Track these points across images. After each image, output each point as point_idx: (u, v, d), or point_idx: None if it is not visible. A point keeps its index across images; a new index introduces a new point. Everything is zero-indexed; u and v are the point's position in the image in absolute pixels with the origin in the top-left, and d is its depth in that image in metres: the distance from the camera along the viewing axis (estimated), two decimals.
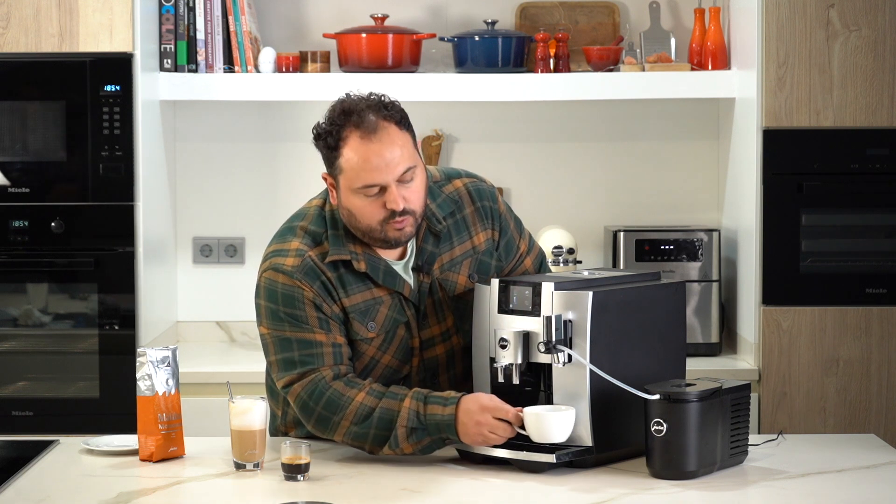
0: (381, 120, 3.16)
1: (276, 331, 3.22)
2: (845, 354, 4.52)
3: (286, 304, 3.20)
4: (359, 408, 3.15)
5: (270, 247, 3.29)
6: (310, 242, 3.25)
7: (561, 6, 5.07)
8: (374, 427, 3.14)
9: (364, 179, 3.15)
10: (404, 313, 3.28)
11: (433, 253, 3.30)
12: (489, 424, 3.10)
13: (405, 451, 3.15)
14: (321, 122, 3.22)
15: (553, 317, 3.08)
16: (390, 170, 3.15)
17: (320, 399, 3.16)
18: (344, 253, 3.23)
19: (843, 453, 3.28)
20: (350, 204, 3.19)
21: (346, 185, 3.18)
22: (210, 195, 5.09)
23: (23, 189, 4.54)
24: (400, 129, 3.18)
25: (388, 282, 3.26)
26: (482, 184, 3.42)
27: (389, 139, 3.15)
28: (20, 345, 4.65)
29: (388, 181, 3.15)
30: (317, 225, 3.27)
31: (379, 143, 3.15)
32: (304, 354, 3.19)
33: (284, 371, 3.21)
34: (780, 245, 4.53)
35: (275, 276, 3.22)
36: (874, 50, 4.48)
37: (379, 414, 3.14)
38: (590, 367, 3.07)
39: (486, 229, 3.37)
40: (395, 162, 3.15)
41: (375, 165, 3.14)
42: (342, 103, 3.20)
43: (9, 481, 3.06)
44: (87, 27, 4.49)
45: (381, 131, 3.15)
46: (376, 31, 4.84)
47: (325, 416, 3.17)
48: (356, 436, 3.16)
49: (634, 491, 2.97)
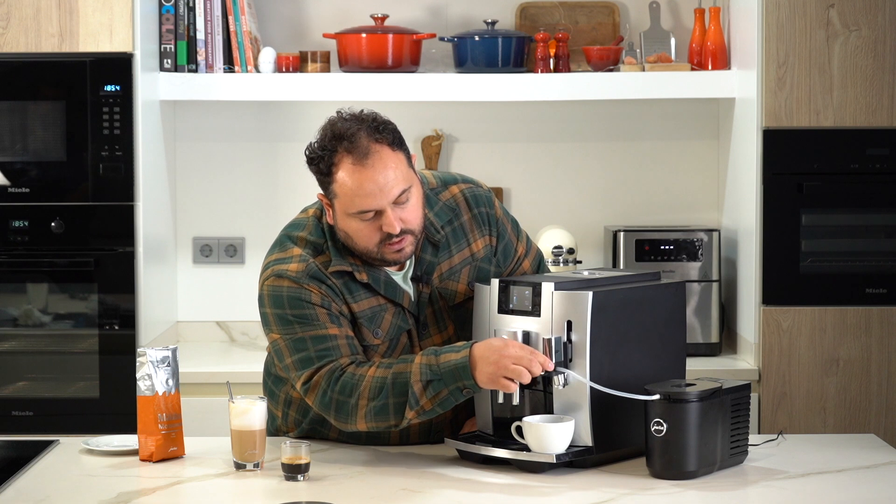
0: (374, 143, 3.12)
1: (287, 334, 3.19)
2: (845, 354, 4.52)
3: (293, 307, 3.18)
4: (372, 382, 3.11)
5: (270, 256, 3.26)
6: (311, 252, 3.23)
7: (561, 6, 5.07)
8: (391, 395, 3.10)
9: (358, 206, 3.13)
10: (407, 321, 3.28)
11: (432, 262, 3.29)
12: (512, 357, 3.02)
13: (426, 408, 3.09)
14: (314, 143, 3.17)
15: (553, 339, 3.08)
16: (384, 194, 3.12)
17: (336, 384, 3.13)
18: (345, 265, 3.22)
19: (843, 453, 3.28)
20: (346, 227, 3.18)
21: (341, 209, 3.16)
22: (210, 195, 5.09)
23: (23, 189, 4.54)
24: (393, 150, 3.14)
25: (390, 293, 3.25)
26: (478, 189, 3.39)
27: (382, 164, 3.12)
28: (20, 345, 4.65)
29: (384, 205, 3.12)
30: (316, 235, 3.25)
31: (372, 168, 3.11)
32: (320, 349, 3.16)
33: (303, 369, 3.17)
34: (780, 245, 4.53)
35: (279, 282, 3.20)
36: (874, 50, 4.48)
37: (392, 380, 3.10)
38: (590, 384, 3.08)
39: (484, 235, 3.36)
40: (390, 186, 3.12)
41: (369, 191, 3.11)
42: (333, 126, 3.15)
43: (9, 481, 3.06)
44: (87, 27, 4.49)
45: (373, 156, 3.11)
46: (376, 31, 4.84)
47: (342, 402, 3.13)
48: (377, 412, 3.12)
49: (634, 491, 2.97)
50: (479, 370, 3.05)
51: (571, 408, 3.11)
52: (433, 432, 3.34)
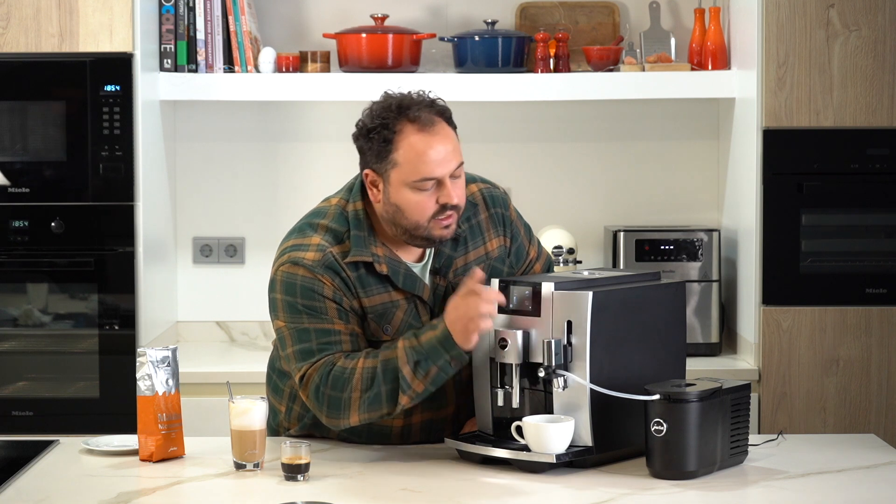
0: (435, 115, 3.20)
1: (293, 322, 3.20)
2: (845, 354, 4.52)
3: (305, 297, 3.19)
4: (363, 374, 3.13)
5: (288, 241, 3.27)
6: (331, 240, 3.23)
7: (561, 6, 5.07)
8: (383, 383, 3.12)
9: (422, 172, 3.16)
10: (419, 318, 3.27)
11: (450, 256, 3.30)
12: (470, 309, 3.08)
13: (417, 390, 3.12)
14: (366, 117, 3.22)
15: (553, 342, 3.08)
16: (447, 164, 3.18)
17: (328, 379, 3.14)
18: (366, 254, 3.22)
19: (843, 453, 3.28)
20: (400, 199, 3.19)
21: (399, 180, 3.18)
22: (210, 195, 5.09)
23: (23, 189, 4.54)
24: (449, 125, 3.23)
25: (408, 285, 3.25)
26: (496, 190, 3.44)
27: (444, 134, 3.20)
28: (20, 345, 4.65)
29: (444, 175, 3.18)
30: (338, 223, 3.26)
31: (438, 136, 3.18)
32: (322, 343, 3.18)
33: (302, 361, 3.18)
34: (780, 245, 4.53)
35: (294, 269, 3.20)
36: (874, 50, 4.48)
37: (382, 368, 3.13)
38: (590, 386, 3.08)
39: (499, 236, 3.39)
40: (451, 157, 3.19)
41: (433, 159, 3.16)
42: (392, 99, 3.22)
43: (9, 481, 3.06)
44: (87, 27, 4.49)
45: (437, 126, 3.19)
46: (376, 31, 4.84)
47: (335, 397, 3.14)
48: (371, 402, 3.13)
49: (634, 491, 2.97)
50: (455, 335, 3.10)
51: (571, 408, 3.11)
52: (435, 429, 3.34)
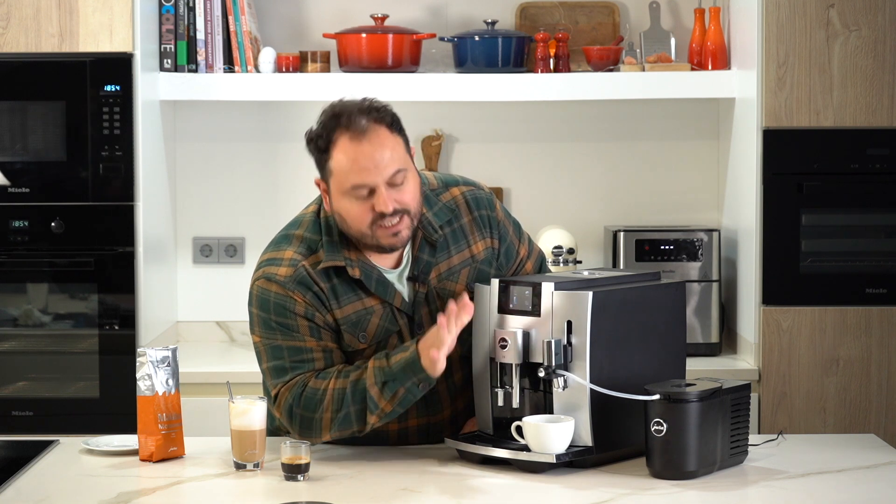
0: (372, 122, 3.15)
1: (267, 339, 3.23)
2: (845, 354, 4.52)
3: (278, 314, 3.21)
4: (334, 394, 3.15)
5: (265, 255, 3.28)
6: (304, 251, 3.24)
7: (561, 6, 5.07)
8: (352, 403, 3.14)
9: (352, 180, 3.13)
10: (396, 323, 3.27)
11: (429, 262, 3.29)
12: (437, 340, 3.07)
13: (386, 410, 3.14)
14: (313, 126, 3.21)
15: (553, 342, 3.08)
16: (379, 171, 3.13)
17: (300, 400, 3.17)
18: (339, 259, 3.22)
19: (843, 453, 3.28)
20: (340, 207, 3.18)
21: (336, 188, 3.17)
22: (210, 195, 5.09)
23: (23, 189, 4.54)
24: (391, 131, 3.17)
25: (380, 291, 3.25)
26: (480, 192, 3.39)
27: (379, 141, 3.14)
28: (20, 345, 4.65)
29: (377, 182, 3.13)
30: (312, 232, 3.26)
31: (368, 144, 3.13)
32: (295, 361, 3.20)
33: (276, 378, 3.21)
34: (780, 245, 4.53)
35: (267, 285, 3.22)
36: (874, 50, 4.48)
37: (351, 389, 3.14)
38: (590, 386, 3.08)
39: (485, 238, 3.36)
40: (385, 163, 3.13)
41: (364, 166, 3.12)
42: (333, 107, 3.19)
43: (9, 481, 3.06)
44: (87, 27, 4.49)
45: (370, 133, 3.14)
46: (376, 31, 4.84)
47: (307, 417, 3.17)
48: (341, 422, 3.16)
49: (634, 491, 2.97)
50: (423, 360, 3.10)
51: (571, 408, 3.11)
52: (433, 432, 3.34)
